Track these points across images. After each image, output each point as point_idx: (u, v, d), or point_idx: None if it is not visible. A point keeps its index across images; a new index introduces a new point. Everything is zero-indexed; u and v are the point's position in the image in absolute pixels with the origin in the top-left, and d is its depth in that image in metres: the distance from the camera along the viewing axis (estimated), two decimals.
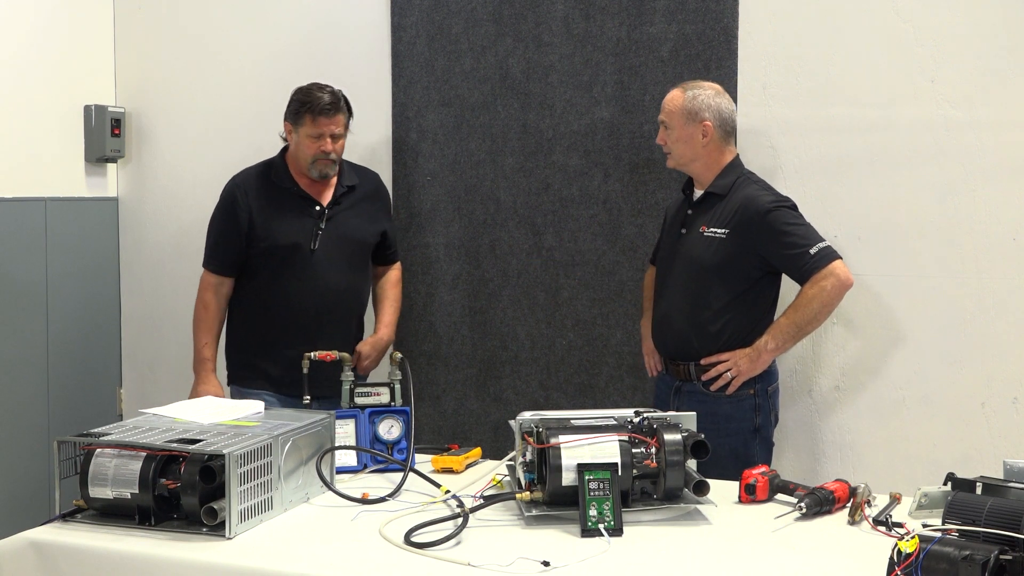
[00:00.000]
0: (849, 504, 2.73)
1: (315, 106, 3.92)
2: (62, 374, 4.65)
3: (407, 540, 2.53)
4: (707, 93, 3.61)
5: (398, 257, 4.32)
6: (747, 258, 3.55)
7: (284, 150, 4.12)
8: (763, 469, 2.91)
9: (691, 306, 3.60)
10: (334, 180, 4.07)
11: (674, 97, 3.62)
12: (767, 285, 3.63)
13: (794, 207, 3.59)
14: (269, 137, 4.73)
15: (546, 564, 2.38)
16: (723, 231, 3.55)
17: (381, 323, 4.20)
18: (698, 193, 3.68)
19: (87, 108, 4.85)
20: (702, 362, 3.59)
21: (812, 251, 3.48)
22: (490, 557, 2.42)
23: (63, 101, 4.77)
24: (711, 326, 3.57)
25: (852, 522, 2.68)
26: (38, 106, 4.64)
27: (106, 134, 4.87)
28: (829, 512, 2.74)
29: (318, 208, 4.02)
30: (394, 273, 4.30)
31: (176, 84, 4.98)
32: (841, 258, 3.50)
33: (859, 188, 3.94)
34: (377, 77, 4.59)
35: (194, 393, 3.95)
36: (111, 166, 5.02)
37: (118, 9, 5.00)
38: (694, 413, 2.91)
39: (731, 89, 4.03)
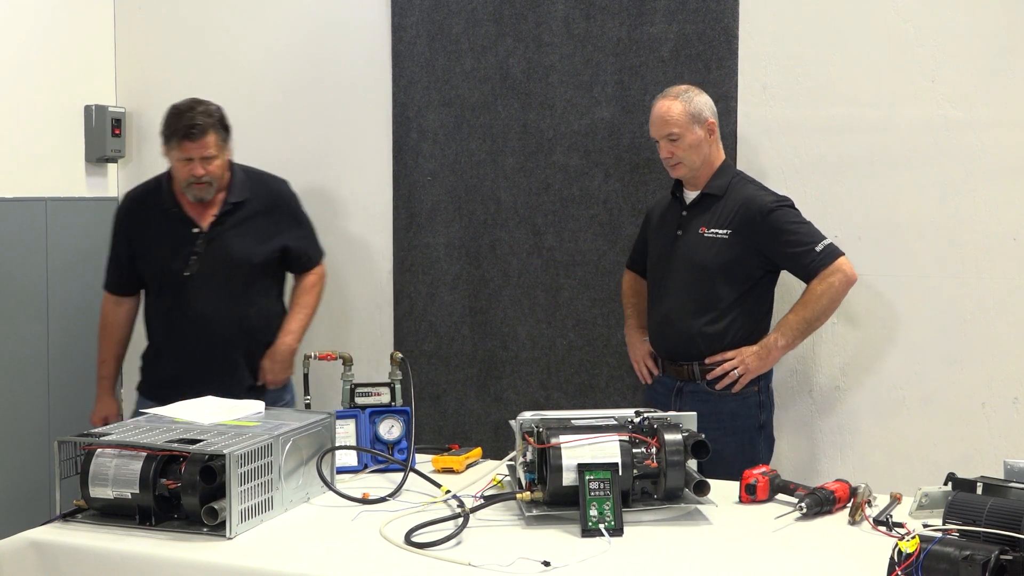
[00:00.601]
0: (849, 504, 2.73)
1: (180, 130, 3.77)
2: (62, 374, 4.64)
3: (407, 540, 2.53)
4: (696, 93, 3.63)
5: (316, 262, 4.16)
6: (750, 258, 3.57)
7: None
8: (763, 469, 2.91)
9: (695, 307, 3.60)
10: (221, 197, 3.90)
11: (672, 107, 3.59)
12: (767, 283, 3.66)
13: (793, 206, 3.61)
14: (269, 137, 4.75)
15: (546, 564, 2.38)
16: (724, 232, 3.57)
17: (284, 330, 4.04)
18: (692, 194, 3.68)
19: (87, 108, 4.85)
20: (707, 361, 3.59)
21: (818, 248, 3.53)
22: (490, 557, 2.42)
23: (64, 101, 4.77)
24: (715, 326, 3.58)
25: (852, 522, 2.68)
26: (39, 106, 4.64)
27: (106, 134, 4.87)
28: (829, 512, 2.74)
29: (195, 231, 3.88)
30: (309, 279, 4.14)
31: (176, 84, 4.96)
32: (844, 254, 3.55)
33: (859, 188, 3.94)
34: (377, 77, 4.59)
35: (93, 410, 4.11)
36: (111, 166, 5.01)
37: (118, 9, 5.00)
38: (695, 413, 2.91)
39: (731, 89, 4.03)
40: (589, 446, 2.69)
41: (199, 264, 3.87)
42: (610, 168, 4.23)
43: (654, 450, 2.73)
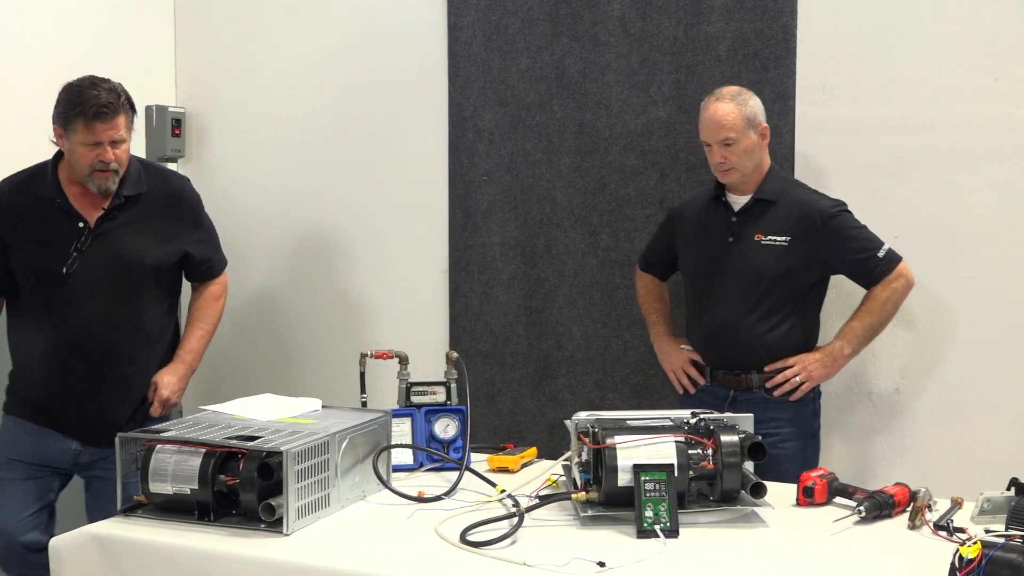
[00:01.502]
0: (909, 508, 2.70)
1: (89, 108, 3.31)
2: None
3: (463, 539, 2.53)
4: (750, 96, 3.58)
5: (219, 271, 3.83)
6: (809, 264, 3.54)
7: (59, 154, 3.53)
8: (821, 472, 2.88)
9: (755, 315, 3.56)
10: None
11: (729, 111, 3.52)
12: (821, 289, 3.64)
13: (849, 209, 3.59)
14: (326, 137, 4.78)
15: (601, 565, 2.37)
16: (784, 239, 3.53)
17: (183, 347, 3.70)
18: (741, 200, 3.62)
19: (148, 108, 4.91)
20: (766, 369, 3.56)
21: (880, 254, 3.52)
22: (545, 557, 2.42)
23: None
24: (775, 333, 3.55)
25: (912, 527, 2.65)
26: None
27: (167, 134, 4.93)
28: (889, 516, 2.71)
29: (81, 225, 3.44)
30: (212, 289, 3.80)
31: (235, 85, 5.03)
32: (903, 258, 3.54)
33: (920, 188, 3.88)
34: (434, 77, 4.60)
35: None
36: (172, 166, 5.07)
37: (179, 11, 5.06)
38: (751, 415, 2.89)
39: (789, 89, 4.00)
40: (645, 447, 2.68)
41: (81, 263, 3.43)
42: (666, 168, 4.21)
43: (710, 451, 2.71)
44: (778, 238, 3.54)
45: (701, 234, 3.71)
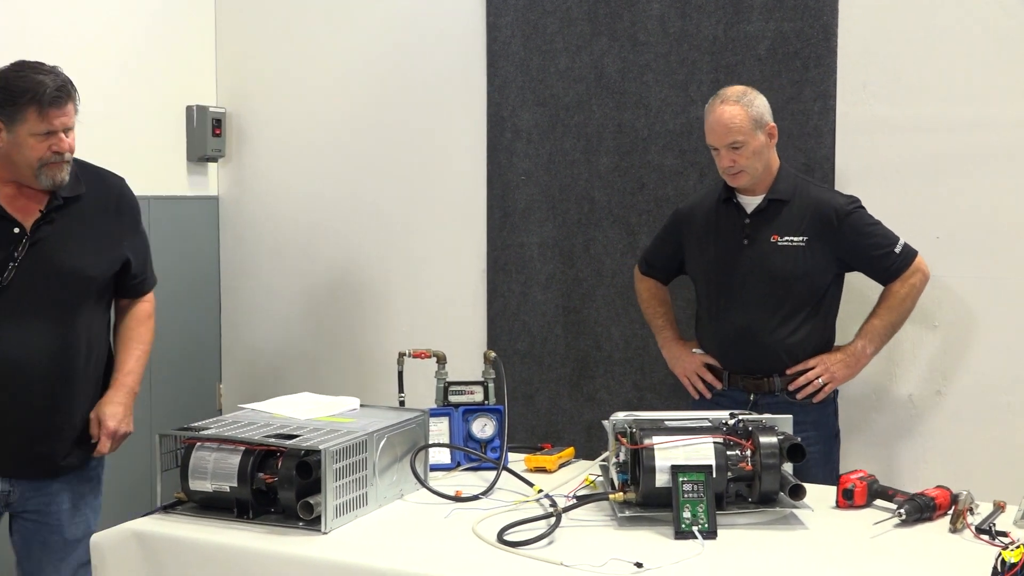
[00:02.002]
0: (951, 511, 2.67)
1: (43, 95, 2.97)
2: (164, 369, 4.74)
3: (500, 538, 2.54)
4: (755, 96, 3.50)
5: (150, 286, 3.43)
6: (827, 263, 3.51)
7: None
8: (861, 474, 2.86)
9: (775, 319, 3.51)
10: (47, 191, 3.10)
11: (735, 114, 3.43)
12: (838, 287, 3.60)
13: (863, 205, 3.55)
14: (365, 136, 4.80)
15: (639, 565, 2.37)
16: (800, 239, 3.49)
17: (120, 370, 3.28)
18: (753, 201, 3.56)
19: (189, 108, 4.95)
20: (788, 371, 3.53)
21: (897, 250, 3.48)
22: (582, 557, 2.41)
23: (166, 102, 4.88)
24: (797, 335, 3.52)
25: (954, 530, 2.62)
26: (142, 107, 4.75)
27: (207, 134, 4.97)
28: (930, 519, 2.69)
29: (16, 231, 3.07)
30: (144, 307, 3.39)
31: (274, 85, 5.06)
32: (918, 252, 3.52)
33: (961, 188, 3.84)
34: (472, 77, 4.61)
35: None
36: (212, 165, 5.12)
37: (219, 12, 5.10)
38: (790, 416, 2.87)
39: (830, 88, 3.97)
40: (683, 447, 2.67)
41: (17, 274, 3.05)
42: (705, 168, 4.19)
43: (749, 453, 2.70)
44: (795, 238, 3.49)
45: (713, 237, 3.64)
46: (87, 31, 4.49)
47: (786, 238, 3.50)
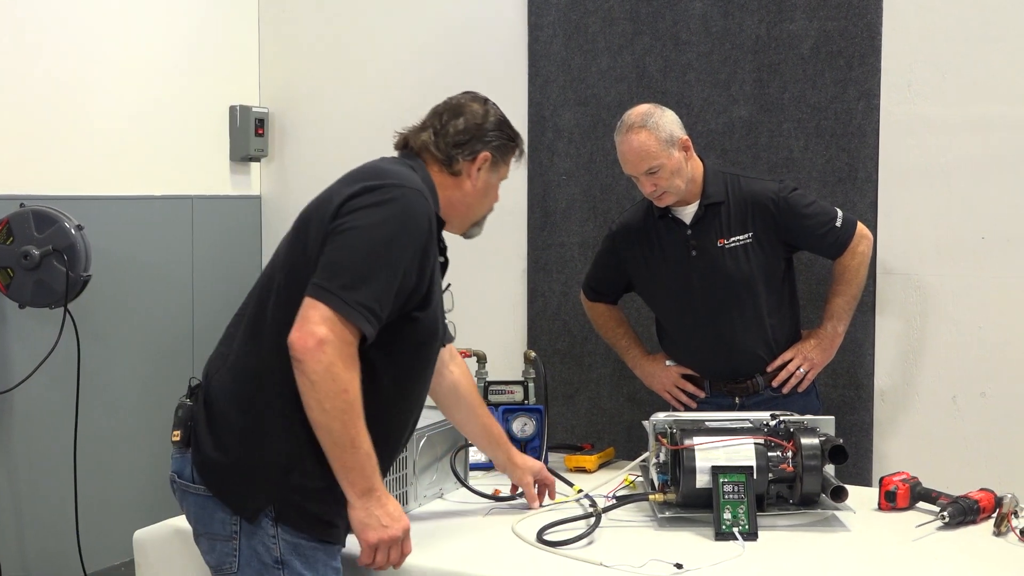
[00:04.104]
0: (995, 515, 2.65)
1: (521, 144, 2.96)
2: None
3: (539, 538, 2.54)
4: (661, 114, 3.38)
5: None
6: (776, 252, 3.46)
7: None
8: (904, 476, 2.84)
9: (744, 319, 3.45)
10: None
11: (643, 141, 3.30)
12: (790, 269, 3.56)
13: (794, 186, 3.53)
14: None
15: (679, 566, 2.36)
16: (746, 236, 3.43)
17: None
18: (689, 210, 3.47)
19: (232, 108, 4.98)
20: (768, 368, 3.49)
21: (838, 223, 3.45)
22: (622, 558, 2.41)
23: (209, 102, 4.91)
24: (772, 332, 3.47)
25: (998, 533, 2.60)
26: (186, 107, 4.79)
27: (250, 134, 5.00)
28: (973, 522, 2.67)
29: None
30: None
31: (316, 85, 5.09)
32: (857, 219, 3.50)
33: (1008, 188, 3.80)
34: (514, 76, 4.61)
35: None
36: (255, 165, 5.14)
37: (262, 12, 5.13)
38: (832, 417, 2.86)
39: (874, 87, 3.94)
40: (723, 448, 2.67)
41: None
42: (747, 167, 4.17)
43: (790, 454, 2.69)
44: (740, 237, 3.43)
45: (659, 255, 3.55)
46: (132, 33, 4.53)
47: (732, 239, 3.44)
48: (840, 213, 3.47)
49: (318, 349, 2.19)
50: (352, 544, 2.38)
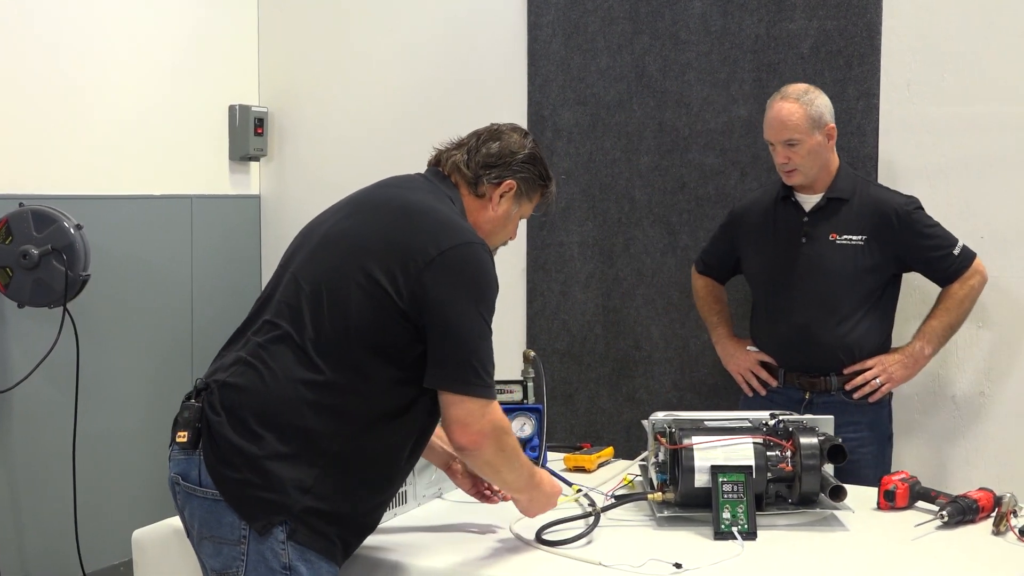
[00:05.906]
0: (993, 514, 2.65)
1: (552, 186, 2.89)
2: (205, 365, 4.75)
3: (538, 538, 2.54)
4: (816, 95, 3.47)
5: None
6: (885, 263, 3.48)
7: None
8: (903, 475, 2.84)
9: (834, 318, 3.49)
10: None
11: (793, 111, 3.42)
12: (895, 287, 3.57)
13: (922, 206, 3.53)
14: (406, 136, 4.80)
15: (678, 566, 2.36)
16: (859, 238, 3.47)
17: None
18: (812, 199, 3.54)
19: (231, 108, 4.98)
20: (845, 371, 3.51)
21: (955, 252, 3.46)
22: (621, 557, 2.41)
23: (209, 101, 4.92)
24: (854, 334, 3.49)
25: (997, 532, 2.60)
26: (186, 106, 4.79)
27: (249, 133, 5.00)
28: (972, 522, 2.66)
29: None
30: None
31: (316, 84, 5.09)
32: (977, 255, 3.49)
33: (1007, 188, 3.80)
34: (513, 76, 4.61)
35: None
36: (254, 164, 5.14)
37: (262, 11, 5.13)
38: (831, 417, 2.85)
39: (873, 87, 3.94)
40: (722, 448, 2.66)
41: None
42: (747, 167, 4.18)
43: (789, 453, 2.68)
44: (853, 237, 3.47)
45: (770, 236, 3.63)
46: (132, 32, 4.53)
47: (845, 237, 3.48)
48: (961, 243, 3.48)
49: (489, 440, 2.36)
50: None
